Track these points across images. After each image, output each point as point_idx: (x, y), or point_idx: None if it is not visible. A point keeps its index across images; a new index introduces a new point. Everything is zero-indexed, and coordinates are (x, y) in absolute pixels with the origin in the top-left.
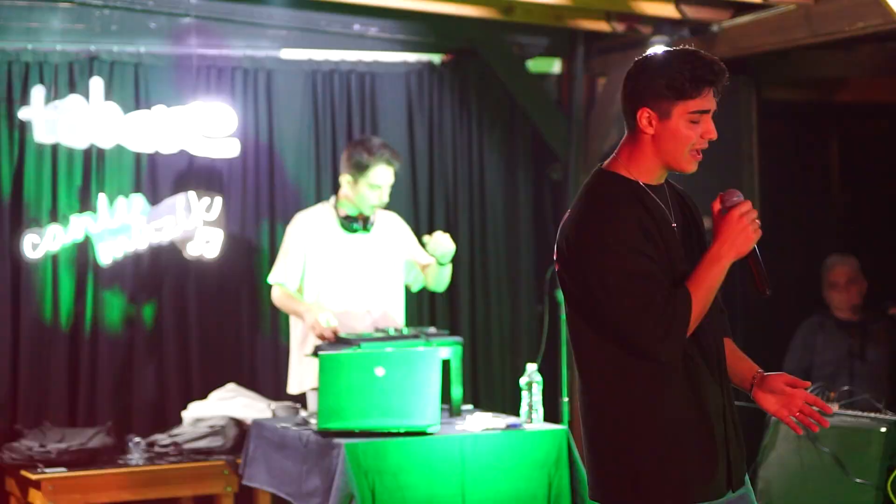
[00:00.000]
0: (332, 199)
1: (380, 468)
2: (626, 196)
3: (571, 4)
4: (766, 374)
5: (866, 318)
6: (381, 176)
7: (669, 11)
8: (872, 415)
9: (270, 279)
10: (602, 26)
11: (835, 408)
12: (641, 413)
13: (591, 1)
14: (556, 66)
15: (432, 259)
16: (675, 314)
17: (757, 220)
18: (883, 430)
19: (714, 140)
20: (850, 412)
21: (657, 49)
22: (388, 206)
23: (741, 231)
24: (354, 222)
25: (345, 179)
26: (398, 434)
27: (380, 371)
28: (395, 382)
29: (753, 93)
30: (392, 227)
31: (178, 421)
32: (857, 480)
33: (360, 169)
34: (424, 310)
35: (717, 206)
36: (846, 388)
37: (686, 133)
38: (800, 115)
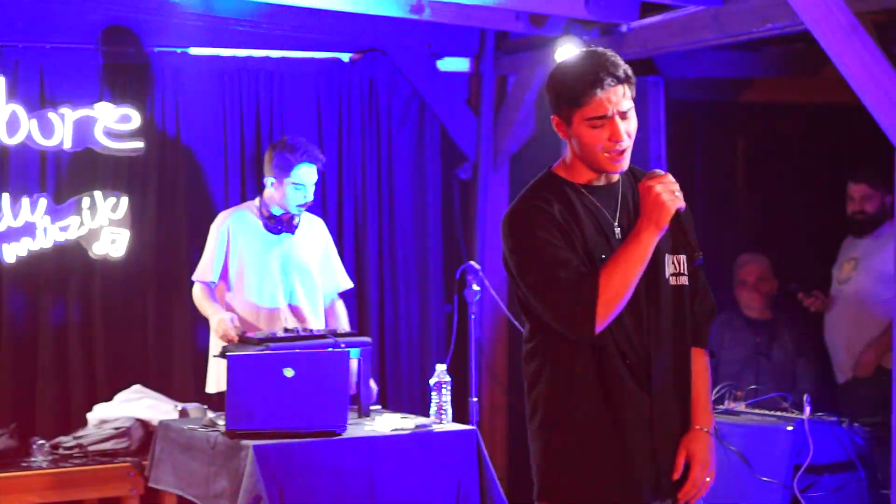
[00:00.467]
0: (257, 199)
1: (288, 470)
2: (554, 193)
3: (481, 4)
4: (696, 429)
5: (775, 316)
6: (305, 175)
7: (578, 11)
8: (779, 413)
9: (193, 277)
10: (511, 26)
11: (741, 406)
12: (555, 412)
13: (500, 0)
14: (465, 65)
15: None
16: (584, 288)
17: (676, 191)
18: (789, 428)
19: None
20: (756, 411)
21: (567, 54)
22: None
23: (655, 203)
24: (279, 223)
25: (269, 181)
26: (307, 435)
27: (288, 372)
28: (303, 383)
29: (661, 93)
30: (315, 231)
31: (83, 422)
32: (764, 479)
33: (283, 169)
34: None
35: (641, 186)
36: (753, 386)
37: (591, 138)
38: (707, 115)
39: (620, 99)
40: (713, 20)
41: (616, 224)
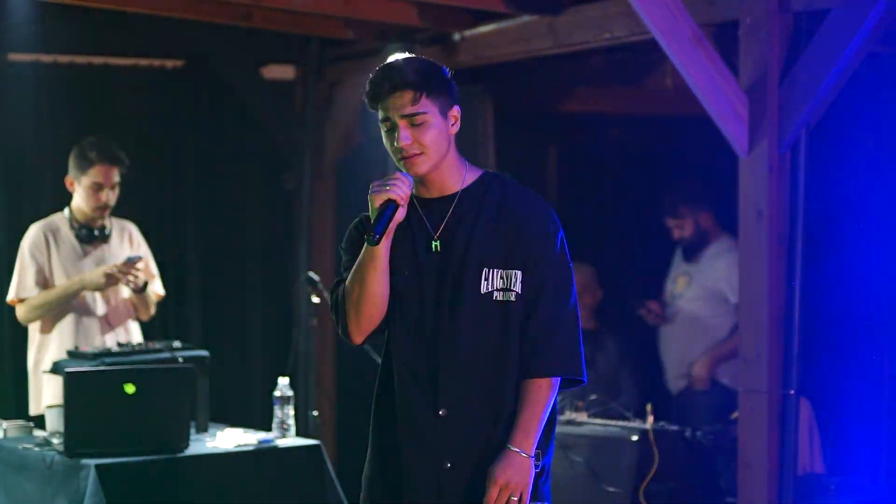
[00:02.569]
0: (66, 209)
1: (131, 489)
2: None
3: (310, 10)
4: (506, 449)
5: (599, 327)
6: (103, 175)
7: (411, 19)
8: (622, 423)
9: (9, 298)
10: (341, 33)
11: (583, 417)
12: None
13: (330, 7)
14: (290, 73)
15: (155, 277)
16: (339, 300)
17: (387, 185)
18: (634, 438)
19: (409, 146)
20: (599, 421)
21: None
22: (120, 213)
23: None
24: (90, 231)
25: (68, 181)
26: (149, 453)
27: (129, 388)
28: (145, 400)
29: (490, 102)
30: (129, 237)
31: None
32: (610, 489)
33: (81, 168)
34: (157, 322)
35: None
36: (593, 397)
37: (386, 141)
38: (531, 125)
39: (404, 104)
40: (548, 30)
41: (436, 237)
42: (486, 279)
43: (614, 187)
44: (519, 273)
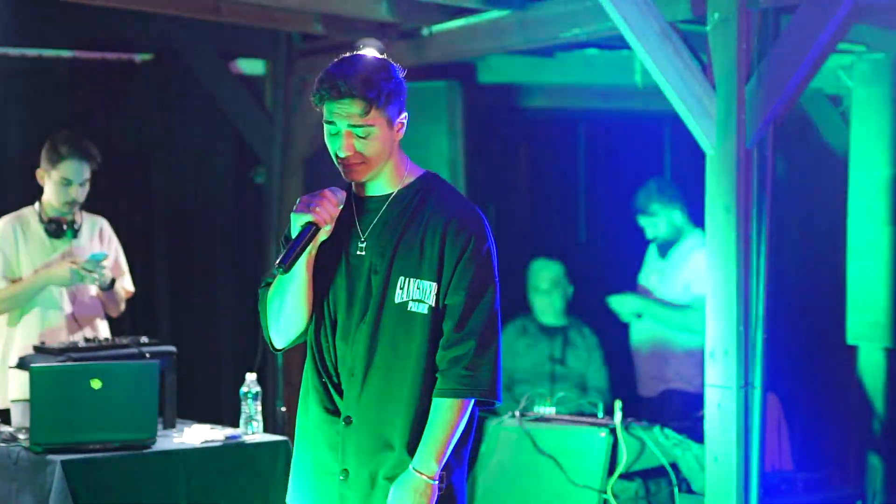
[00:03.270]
0: (37, 203)
1: (98, 485)
2: None
3: (280, 5)
4: (408, 469)
5: (569, 322)
6: (73, 170)
7: (380, 14)
8: (590, 420)
9: None
10: (310, 28)
11: (552, 413)
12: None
13: (299, 2)
14: (260, 67)
15: (125, 273)
16: (261, 307)
17: (309, 204)
18: (602, 434)
19: (349, 155)
20: (567, 417)
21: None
22: (90, 208)
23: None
24: (59, 227)
25: (39, 174)
26: (115, 449)
27: (96, 383)
28: (111, 395)
29: (459, 97)
30: (99, 232)
31: None
32: (579, 485)
33: (52, 162)
34: (126, 318)
35: None
36: (562, 394)
37: (329, 144)
38: (499, 121)
39: (352, 115)
40: (519, 25)
41: (363, 236)
42: (402, 288)
43: (585, 183)
44: (434, 285)
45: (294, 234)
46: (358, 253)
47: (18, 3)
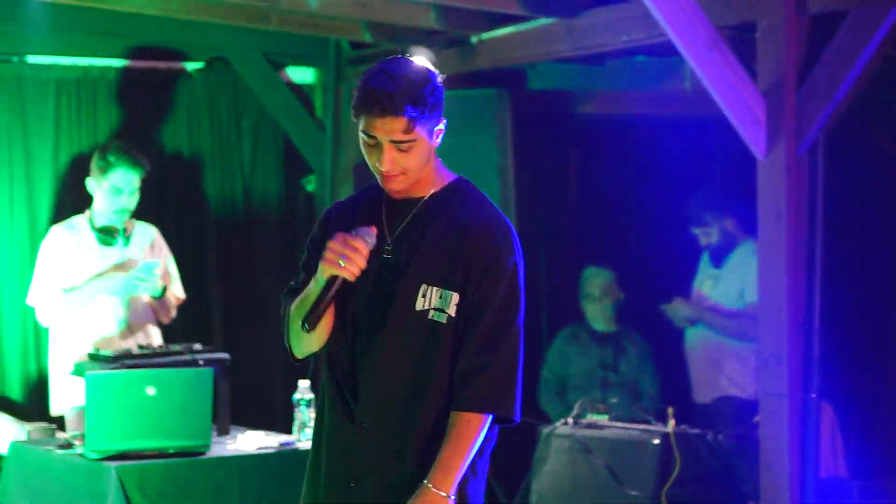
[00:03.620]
0: (87, 211)
1: (153, 491)
2: (363, 198)
3: (329, 13)
4: (424, 485)
5: (620, 329)
6: (122, 179)
7: (428, 22)
8: (644, 427)
9: (30, 300)
10: (359, 36)
11: (605, 420)
12: None
13: (347, 10)
14: (310, 75)
15: (175, 280)
16: (283, 318)
17: (341, 258)
18: (656, 441)
19: (388, 169)
20: (620, 424)
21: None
22: (141, 217)
23: (322, 259)
24: (110, 235)
25: (90, 185)
26: (170, 455)
27: (150, 390)
28: (166, 402)
29: (508, 105)
30: (150, 240)
31: None
32: (632, 492)
33: (102, 171)
34: (178, 324)
35: None
36: (615, 400)
37: (366, 154)
38: (549, 128)
39: (394, 130)
40: (567, 33)
41: (390, 240)
42: (424, 296)
43: (635, 190)
44: (456, 295)
45: (321, 282)
46: (384, 256)
47: (70, 13)
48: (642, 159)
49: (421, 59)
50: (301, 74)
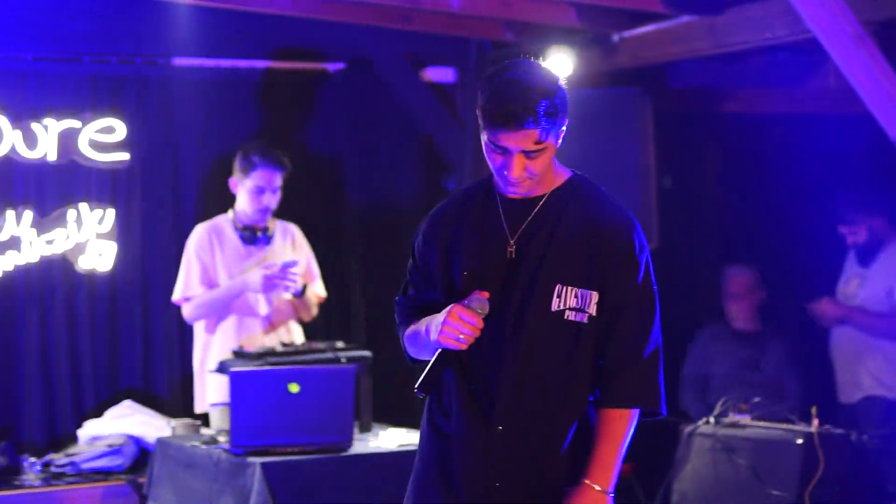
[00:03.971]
0: (230, 211)
1: (296, 487)
2: (471, 197)
3: (470, 13)
4: (584, 483)
5: (763, 328)
6: (265, 179)
7: (569, 20)
8: (786, 426)
9: (175, 297)
10: (500, 35)
11: (747, 420)
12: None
13: (489, 9)
14: (450, 75)
15: (316, 278)
16: (400, 329)
17: (461, 334)
18: (799, 441)
19: (533, 173)
20: (762, 424)
21: (557, 64)
22: (283, 215)
23: (437, 326)
24: (253, 234)
25: (232, 183)
26: (313, 452)
27: (293, 388)
28: (309, 399)
29: (649, 103)
30: (291, 238)
31: (71, 439)
32: (775, 493)
33: (245, 171)
34: (320, 322)
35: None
36: (757, 399)
37: (491, 159)
38: (691, 126)
39: (526, 142)
40: (708, 30)
41: (513, 241)
42: (559, 296)
43: (779, 188)
44: (595, 294)
45: (435, 353)
46: (507, 257)
47: (214, 15)
48: (786, 157)
49: (547, 63)
50: (442, 74)
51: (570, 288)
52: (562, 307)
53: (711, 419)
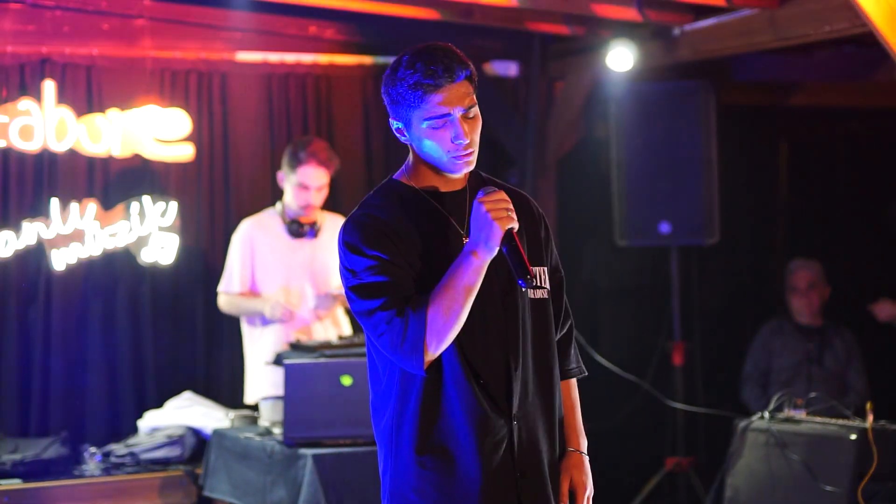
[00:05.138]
0: (279, 204)
1: (347, 479)
2: (394, 201)
3: (531, 7)
4: (570, 451)
5: (826, 323)
6: (310, 176)
7: (630, 14)
8: (841, 422)
9: (219, 288)
10: (561, 29)
11: (802, 415)
12: (398, 425)
13: (550, 3)
14: (513, 69)
15: None
16: (409, 323)
17: (508, 210)
18: (853, 437)
19: (478, 139)
20: (818, 419)
21: (619, 58)
22: (344, 211)
23: (485, 223)
24: (300, 227)
25: (279, 177)
26: (365, 444)
27: (346, 380)
28: (362, 392)
29: (712, 96)
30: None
31: (133, 430)
32: (827, 488)
33: (291, 166)
34: None
35: (474, 205)
36: (813, 394)
37: (434, 140)
38: (758, 119)
39: (463, 95)
40: (768, 23)
41: (465, 234)
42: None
43: (844, 182)
44: (545, 269)
45: (501, 242)
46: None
47: (276, 10)
48: (852, 151)
49: (609, 56)
50: (504, 68)
51: (536, 268)
52: (538, 286)
53: (766, 414)
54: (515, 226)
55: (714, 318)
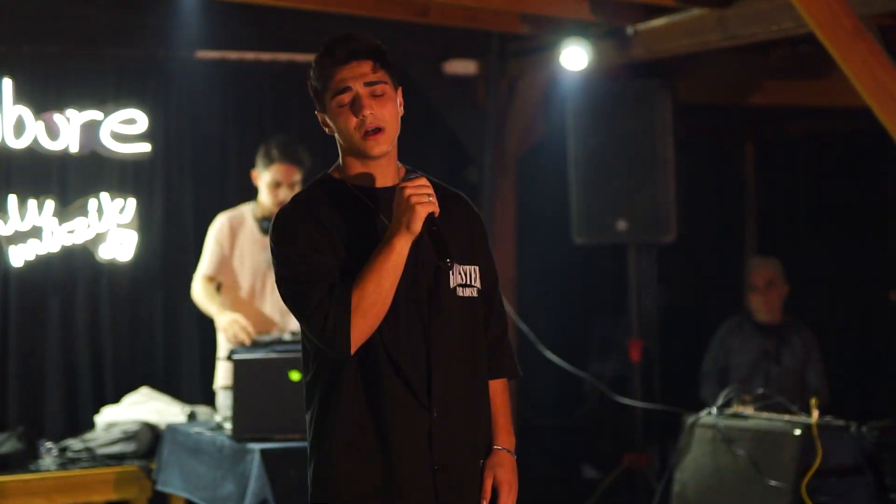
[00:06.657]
0: (253, 202)
1: (294, 473)
2: (325, 196)
3: (485, 6)
4: (497, 449)
5: (785, 321)
6: (281, 174)
7: (583, 13)
8: (786, 417)
9: (196, 275)
10: (516, 28)
11: (749, 410)
12: (322, 414)
13: (504, 3)
14: (471, 67)
15: None
16: (333, 307)
17: (430, 195)
18: (797, 432)
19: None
20: (764, 415)
21: (573, 56)
22: None
23: (406, 207)
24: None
25: (253, 175)
26: None
27: (294, 375)
28: None
29: (668, 95)
30: None
31: (91, 426)
32: (772, 483)
33: (264, 164)
34: None
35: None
36: (760, 390)
37: (343, 120)
38: (714, 119)
39: (365, 73)
40: (718, 23)
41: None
42: (454, 273)
43: (805, 180)
44: (477, 268)
45: (421, 227)
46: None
47: (236, 8)
48: (813, 149)
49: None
50: (463, 67)
51: (456, 265)
52: (459, 283)
53: (714, 409)
54: (436, 210)
55: (673, 315)
